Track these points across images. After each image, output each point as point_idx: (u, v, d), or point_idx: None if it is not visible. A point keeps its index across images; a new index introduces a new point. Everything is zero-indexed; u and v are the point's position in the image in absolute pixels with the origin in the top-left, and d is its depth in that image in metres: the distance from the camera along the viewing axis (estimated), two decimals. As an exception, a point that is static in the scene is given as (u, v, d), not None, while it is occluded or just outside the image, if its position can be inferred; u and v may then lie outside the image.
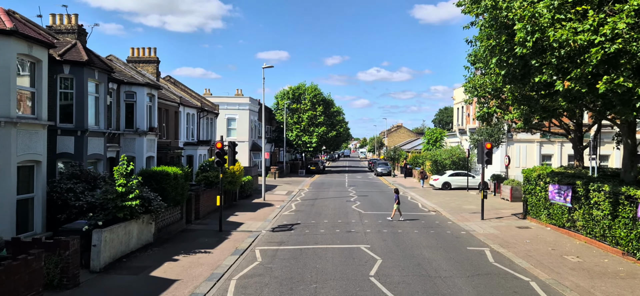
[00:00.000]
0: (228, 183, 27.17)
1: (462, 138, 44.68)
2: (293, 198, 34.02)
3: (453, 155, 40.85)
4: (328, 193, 37.66)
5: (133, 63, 35.14)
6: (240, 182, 29.17)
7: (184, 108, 32.83)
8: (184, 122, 32.78)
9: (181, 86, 41.22)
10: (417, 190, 39.22)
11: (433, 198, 32.73)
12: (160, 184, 17.97)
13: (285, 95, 64.15)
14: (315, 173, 64.66)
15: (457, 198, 32.85)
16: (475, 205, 28.79)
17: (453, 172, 39.55)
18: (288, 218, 24.28)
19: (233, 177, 27.46)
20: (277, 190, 39.06)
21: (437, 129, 47.59)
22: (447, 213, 25.97)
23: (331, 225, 22.18)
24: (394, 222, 22.78)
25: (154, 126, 25.20)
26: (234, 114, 53.81)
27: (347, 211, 26.87)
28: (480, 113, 27.04)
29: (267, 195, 35.19)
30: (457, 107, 53.94)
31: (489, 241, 18.22)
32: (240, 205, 29.36)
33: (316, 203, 30.55)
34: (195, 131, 35.61)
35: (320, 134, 62.97)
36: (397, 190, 24.73)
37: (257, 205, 29.21)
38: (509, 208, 27.51)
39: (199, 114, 36.18)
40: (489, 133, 34.17)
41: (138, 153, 23.64)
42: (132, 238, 15.49)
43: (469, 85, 27.63)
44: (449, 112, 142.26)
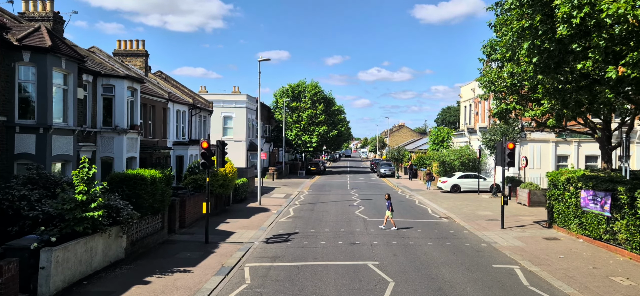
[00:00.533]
0: (219, 187, 24.68)
1: (471, 137, 42.15)
2: (291, 202, 31.52)
3: (462, 155, 38.33)
4: (329, 196, 35.16)
5: (120, 56, 32.69)
6: (233, 184, 26.68)
7: (173, 105, 30.33)
8: (173, 120, 30.29)
9: (173, 82, 38.77)
10: (424, 193, 36.69)
11: (443, 203, 30.21)
12: (134, 190, 15.45)
13: (284, 93, 61.67)
14: (316, 174, 62.17)
15: (469, 202, 30.33)
16: (491, 211, 26.26)
17: (462, 174, 37.03)
18: (285, 226, 21.78)
19: (225, 179, 24.96)
20: (275, 193, 36.56)
21: (443, 128, 45.07)
22: (461, 220, 23.45)
23: (333, 234, 19.67)
24: (405, 233, 20.25)
25: (137, 123, 22.71)
26: (230, 112, 51.32)
27: (350, 217, 24.37)
28: (497, 110, 24.51)
29: (263, 198, 32.67)
30: (464, 105, 51.44)
31: (516, 257, 15.69)
32: (233, 210, 26.85)
33: (316, 208, 28.04)
34: (187, 130, 33.13)
35: (321, 134, 60.47)
36: (389, 195, 22.08)
37: (252, 210, 26.70)
38: (529, 214, 24.99)
39: (191, 112, 33.69)
40: (503, 132, 31.64)
41: (117, 153, 21.15)
42: (95, 256, 12.98)
43: (485, 80, 25.12)
44: (452, 111, 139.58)
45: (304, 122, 60.50)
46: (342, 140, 75.91)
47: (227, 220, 23.18)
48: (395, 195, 35.75)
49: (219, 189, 24.64)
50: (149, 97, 25.99)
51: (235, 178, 27.01)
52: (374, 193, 37.28)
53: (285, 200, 32.50)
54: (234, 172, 25.99)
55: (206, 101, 38.91)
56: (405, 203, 30.38)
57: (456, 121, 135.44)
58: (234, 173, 26.17)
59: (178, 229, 19.82)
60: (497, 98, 25.20)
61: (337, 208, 27.92)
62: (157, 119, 27.33)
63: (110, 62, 28.24)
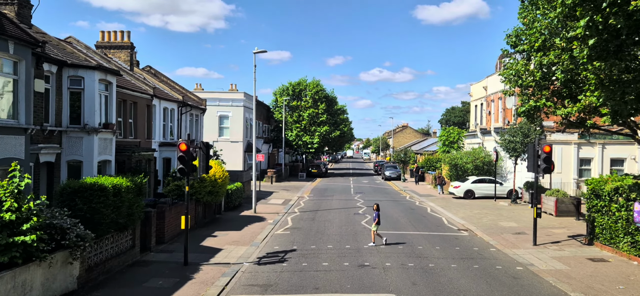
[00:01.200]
0: (207, 194, 21.72)
1: (484, 139, 39.16)
2: (290, 209, 28.55)
3: (476, 158, 35.32)
4: (332, 202, 32.17)
5: (102, 49, 29.77)
6: (224, 191, 23.72)
7: (159, 102, 27.38)
8: (159, 119, 27.35)
9: (163, 78, 35.85)
10: (435, 199, 33.68)
11: (458, 211, 27.20)
12: (90, 203, 12.47)
13: (284, 92, 58.74)
14: (317, 176, 59.20)
15: (487, 210, 27.32)
16: (515, 222, 23.26)
17: (477, 178, 34.02)
18: (281, 241, 18.81)
19: (214, 186, 22.00)
20: (273, 199, 33.59)
21: (454, 129, 42.08)
22: (484, 233, 20.45)
23: (337, 253, 16.70)
24: (422, 250, 17.26)
25: (112, 122, 19.76)
26: (226, 111, 48.38)
27: (357, 230, 21.38)
28: (525, 108, 21.54)
29: (259, 205, 29.70)
30: (475, 104, 48.42)
31: (564, 287, 12.70)
32: (223, 220, 23.89)
33: (318, 217, 25.08)
34: (176, 129, 30.18)
35: (323, 134, 57.50)
36: (377, 205, 18.77)
37: (245, 220, 23.74)
38: (559, 226, 21.98)
39: (181, 110, 30.74)
40: (524, 132, 28.63)
41: (86, 156, 18.20)
42: (31, 292, 10.03)
43: (510, 73, 22.15)
44: (457, 111, 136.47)
45: (304, 121, 57.54)
46: (344, 141, 72.95)
47: (215, 233, 20.20)
48: (403, 202, 32.75)
49: (207, 197, 21.68)
50: (130, 93, 23.05)
51: (227, 184, 24.05)
52: (380, 199, 34.24)
53: (284, 206, 29.53)
54: (224, 176, 23.03)
55: (199, 99, 35.98)
56: (416, 212, 27.38)
57: (461, 122, 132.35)
58: (225, 178, 23.22)
59: (155, 246, 16.85)
60: (524, 94, 22.24)
61: (341, 218, 24.95)
62: (140, 117, 24.39)
63: (89, 53, 25.35)
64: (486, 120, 44.27)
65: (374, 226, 18.11)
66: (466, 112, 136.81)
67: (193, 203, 20.96)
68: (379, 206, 18.86)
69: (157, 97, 26.71)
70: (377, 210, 18.35)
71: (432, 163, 50.44)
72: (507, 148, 29.64)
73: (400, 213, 26.87)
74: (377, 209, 18.44)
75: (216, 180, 22.14)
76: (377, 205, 18.65)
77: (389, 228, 21.77)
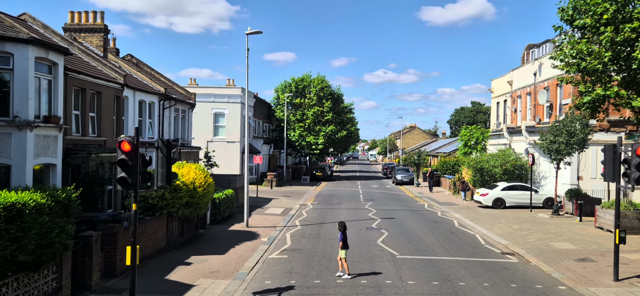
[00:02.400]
0: (184, 207, 17.18)
1: (513, 139, 34.45)
2: (290, 221, 23.99)
3: (506, 161, 30.60)
4: (339, 212, 27.55)
5: (71, 32, 25.37)
6: (207, 201, 19.15)
7: (133, 94, 22.90)
8: (132, 113, 22.86)
9: (146, 68, 31.40)
10: (459, 209, 28.99)
11: (493, 225, 22.52)
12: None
13: (286, 88, 54.19)
14: (322, 180, 54.59)
15: (528, 225, 22.64)
16: (570, 242, 18.57)
17: (508, 185, 29.31)
18: (276, 271, 14.26)
19: (193, 196, 17.46)
20: (270, 208, 29.01)
21: (476, 128, 37.41)
22: (538, 259, 15.80)
23: (351, 291, 12.13)
24: (464, 289, 12.63)
25: (56, 114, 15.28)
26: (222, 108, 43.89)
27: (372, 253, 16.77)
28: (590, 98, 16.89)
29: (254, 216, 25.17)
30: (497, 101, 43.71)
31: None
32: (206, 238, 19.34)
33: (323, 233, 20.49)
34: (157, 126, 25.68)
35: (328, 134, 52.89)
36: (342, 224, 14.18)
37: (234, 238, 19.18)
38: (628, 250, 17.27)
39: (162, 103, 26.24)
40: (570, 131, 23.92)
41: (17, 158, 13.71)
42: None
43: (569, 54, 17.45)
44: (466, 111, 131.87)
45: (308, 120, 52.96)
46: (350, 142, 68.39)
47: (190, 258, 15.62)
48: (422, 212, 28.09)
49: (183, 210, 17.13)
50: (90, 80, 18.56)
51: (212, 192, 19.49)
52: (395, 208, 29.64)
53: (283, 218, 24.95)
54: (207, 184, 18.47)
55: (187, 92, 31.46)
56: (441, 227, 22.72)
57: (471, 122, 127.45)
58: (209, 186, 18.65)
59: (100, 282, 12.30)
60: (586, 80, 17.60)
61: (352, 234, 20.30)
62: (106, 111, 19.89)
63: (47, 33, 20.91)
64: (511, 118, 39.57)
65: (342, 252, 13.66)
66: (476, 112, 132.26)
67: (164, 218, 16.42)
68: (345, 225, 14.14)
69: (129, 87, 22.21)
70: (342, 230, 13.88)
71: (449, 167, 45.75)
72: (549, 150, 24.93)
73: (423, 227, 22.23)
74: (343, 229, 13.93)
75: (195, 189, 17.59)
76: (344, 225, 14.10)
77: (412, 250, 17.14)
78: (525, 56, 41.23)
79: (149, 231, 15.16)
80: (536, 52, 39.71)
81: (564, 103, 30.61)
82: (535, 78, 34.85)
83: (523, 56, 41.66)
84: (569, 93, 30.09)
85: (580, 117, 24.39)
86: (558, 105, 32.01)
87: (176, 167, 17.81)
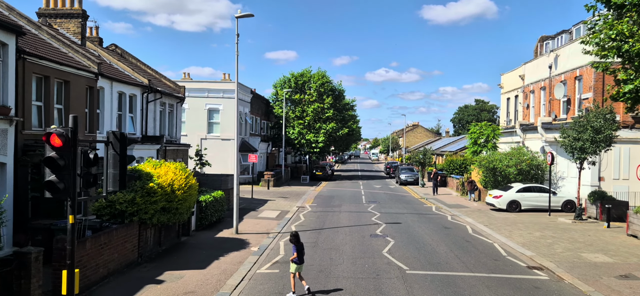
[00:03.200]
0: (160, 213, 14.87)
1: (526, 136, 32.05)
2: (286, 226, 21.67)
3: (521, 161, 28.21)
4: (340, 216, 25.21)
5: (45, 17, 23.17)
6: (189, 205, 16.81)
7: (111, 84, 20.58)
8: (110, 106, 20.55)
9: (131, 59, 29.09)
10: (470, 212, 26.64)
11: (512, 232, 20.15)
12: None
13: (285, 84, 51.86)
14: (322, 179, 52.25)
15: (550, 232, 20.27)
16: (604, 253, 16.19)
17: (523, 186, 26.95)
18: (263, 292, 11.95)
19: (170, 200, 15.13)
20: (265, 210, 26.68)
21: (487, 125, 34.98)
22: (572, 275, 13.44)
23: (352, 324, 9.82)
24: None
25: (6, 104, 12.97)
26: (217, 104, 41.56)
27: (378, 267, 14.44)
28: (631, 88, 14.54)
29: (246, 220, 22.88)
30: (507, 96, 41.33)
31: None
32: (188, 247, 17.01)
33: (321, 241, 18.16)
34: (139, 121, 23.37)
35: (329, 131, 50.54)
36: (295, 235, 11.95)
37: (219, 247, 16.86)
38: (676, 262, 14.91)
39: (146, 96, 23.92)
40: (596, 128, 21.54)
41: (-49, 156, 11.38)
42: None
43: (606, 36, 15.10)
44: (470, 110, 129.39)
45: (308, 117, 50.62)
46: (352, 140, 65.97)
47: (163, 274, 13.28)
48: (430, 216, 25.74)
49: (159, 217, 14.80)
50: (55, 67, 16.23)
51: (194, 195, 17.14)
52: (400, 211, 27.30)
53: (277, 222, 22.63)
54: (188, 186, 16.13)
55: (176, 85, 29.13)
56: (454, 233, 20.35)
57: (474, 120, 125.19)
58: (191, 188, 16.32)
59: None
60: (626, 67, 15.22)
61: (354, 242, 18.01)
62: (76, 103, 17.56)
63: (12, 15, 18.58)
64: (523, 115, 37.18)
65: (293, 267, 11.60)
66: (480, 110, 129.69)
67: (135, 226, 14.10)
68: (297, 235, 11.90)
69: (106, 77, 19.88)
70: (295, 242, 11.75)
71: (456, 166, 43.40)
72: (572, 148, 22.55)
73: (433, 235, 19.87)
74: (296, 241, 11.78)
75: (174, 192, 15.25)
76: (296, 236, 11.91)
77: (424, 263, 14.80)
78: (539, 48, 38.82)
79: (115, 243, 12.83)
80: (551, 43, 37.30)
81: (584, 97, 28.23)
82: (550, 71, 32.45)
83: (536, 48, 39.25)
84: (589, 87, 27.71)
85: (606, 111, 22.02)
86: (576, 100, 29.63)
87: (152, 167, 15.49)
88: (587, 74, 28.16)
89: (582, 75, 28.75)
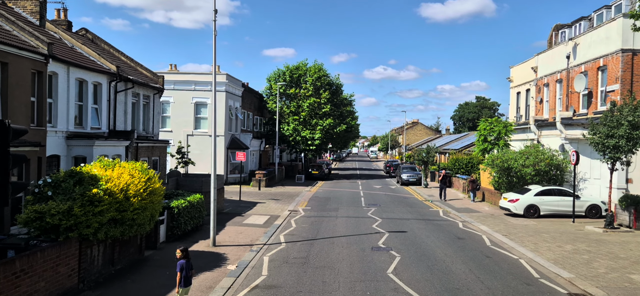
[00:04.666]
0: (110, 226, 11.86)
1: (542, 133, 29.10)
2: (273, 235, 18.68)
3: (540, 159, 25.25)
4: (336, 223, 22.22)
5: (-2, -6, 20.02)
6: (151, 214, 13.78)
7: (68, 70, 17.53)
8: (66, 95, 17.51)
9: (104, 45, 26.03)
10: (482, 218, 23.68)
11: (538, 244, 17.17)
12: None
13: (280, 77, 48.81)
14: (318, 179, 49.25)
15: (581, 244, 17.30)
16: (660, 275, 13.24)
17: (542, 189, 24.02)
18: (230, 337, 8.97)
19: (124, 209, 12.12)
20: (252, 215, 23.65)
21: (497, 120, 32.02)
22: (632, 309, 10.50)
23: None
24: None
25: None
26: (204, 98, 38.52)
27: (383, 293, 11.45)
28: None
29: (228, 228, 19.90)
30: (518, 90, 38.36)
31: None
32: (150, 265, 14.01)
33: (313, 257, 15.16)
34: (105, 113, 20.32)
35: (326, 128, 47.54)
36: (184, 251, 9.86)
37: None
38: None
39: (114, 85, 20.87)
40: (633, 123, 18.57)
41: None
42: None
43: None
44: (471, 107, 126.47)
45: (304, 113, 47.59)
46: (350, 137, 62.95)
47: (106, 306, 10.30)
48: (439, 223, 22.77)
49: (106, 231, 11.78)
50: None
51: (159, 201, 14.11)
52: (404, 217, 24.34)
53: (264, 231, 19.63)
54: (149, 191, 13.12)
55: (153, 75, 26.03)
56: (469, 246, 17.35)
57: (475, 118, 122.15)
58: (152, 194, 13.31)
59: None
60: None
61: (352, 259, 15.02)
62: (17, 90, 14.53)
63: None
64: (535, 110, 34.22)
65: (179, 290, 9.53)
66: (481, 107, 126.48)
67: (73, 245, 11.08)
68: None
69: (60, 61, 16.83)
70: (183, 258, 9.68)
71: (462, 165, 40.45)
72: (604, 147, 19.58)
73: (446, 247, 16.89)
74: (185, 256, 9.71)
75: (128, 199, 12.24)
76: (186, 252, 9.80)
77: (439, 289, 11.82)
78: (553, 38, 35.84)
79: (39, 269, 9.83)
80: (567, 32, 34.32)
81: (609, 90, 25.27)
82: (568, 61, 29.49)
83: (550, 37, 36.28)
84: (616, 78, 24.72)
85: (643, 103, 19.07)
86: (599, 92, 26.68)
87: (101, 168, 12.48)
88: (612, 63, 25.20)
89: (606, 65, 25.79)
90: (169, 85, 38.30)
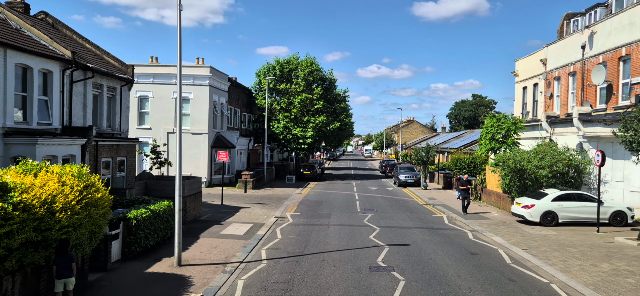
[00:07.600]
0: (27, 250, 8.95)
1: (555, 130, 26.38)
2: (253, 250, 15.82)
3: (557, 160, 22.51)
4: (328, 233, 19.37)
5: None
6: (92, 230, 10.88)
7: (4, 54, 14.54)
8: (2, 83, 14.51)
9: (67, 31, 23.01)
10: (494, 227, 20.92)
11: (567, 262, 14.42)
12: None
13: (270, 71, 45.89)
14: (310, 179, 46.40)
15: (620, 261, 14.54)
16: None
17: (561, 193, 21.32)
18: None
19: (47, 227, 9.22)
20: (232, 224, 20.73)
21: (506, 116, 29.26)
22: None
23: None
24: None
25: None
26: (186, 92, 35.53)
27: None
28: None
29: (202, 240, 16.98)
30: (524, 85, 35.74)
31: None
32: (94, 292, 11.11)
33: (298, 281, 12.30)
34: (58, 107, 17.33)
35: (318, 125, 44.70)
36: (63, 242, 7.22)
37: (143, 294, 10.99)
38: None
39: (70, 75, 17.89)
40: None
41: None
42: None
43: None
44: (467, 105, 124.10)
45: (295, 109, 44.72)
46: (344, 135, 60.16)
47: None
48: (446, 233, 19.97)
49: (22, 257, 8.89)
50: None
51: (102, 214, 11.20)
52: (405, 225, 21.54)
53: (244, 244, 16.74)
54: (86, 202, 10.21)
55: (121, 64, 23.02)
56: (486, 265, 14.54)
57: (472, 116, 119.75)
58: (89, 207, 10.41)
59: None
60: None
61: (346, 285, 12.18)
62: None
63: None
64: (545, 105, 31.57)
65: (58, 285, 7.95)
66: (477, 105, 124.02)
67: None
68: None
69: (-8, 41, 13.83)
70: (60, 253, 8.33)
71: (464, 165, 37.75)
72: (638, 145, 16.84)
73: (458, 266, 14.07)
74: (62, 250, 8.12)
75: (53, 215, 9.33)
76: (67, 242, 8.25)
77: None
78: (564, 27, 33.18)
79: None
80: (580, 20, 31.68)
81: (634, 82, 22.62)
82: (583, 52, 26.83)
83: (560, 27, 33.62)
84: (641, 69, 22.09)
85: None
86: (621, 85, 24.05)
87: (17, 175, 9.58)
88: (637, 52, 22.55)
89: (629, 54, 23.15)
90: (148, 79, 35.35)
